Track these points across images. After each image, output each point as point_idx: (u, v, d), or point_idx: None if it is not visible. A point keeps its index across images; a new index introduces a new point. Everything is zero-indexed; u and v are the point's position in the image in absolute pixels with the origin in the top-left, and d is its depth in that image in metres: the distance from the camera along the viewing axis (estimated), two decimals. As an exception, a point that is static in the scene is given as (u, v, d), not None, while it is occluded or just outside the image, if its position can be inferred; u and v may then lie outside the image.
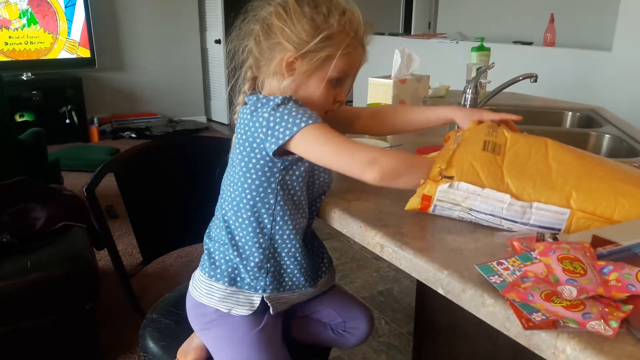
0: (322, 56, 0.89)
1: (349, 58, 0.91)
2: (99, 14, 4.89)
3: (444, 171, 0.84)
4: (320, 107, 0.93)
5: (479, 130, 0.93)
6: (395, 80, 1.82)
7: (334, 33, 0.88)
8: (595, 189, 0.80)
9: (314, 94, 0.92)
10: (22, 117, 4.43)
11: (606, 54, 2.99)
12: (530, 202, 0.79)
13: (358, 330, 1.14)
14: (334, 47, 0.89)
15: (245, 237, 0.95)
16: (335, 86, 0.94)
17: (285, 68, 0.90)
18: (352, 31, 0.90)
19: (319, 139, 0.86)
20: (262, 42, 0.92)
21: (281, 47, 0.90)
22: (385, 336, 2.04)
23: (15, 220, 1.76)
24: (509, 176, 0.82)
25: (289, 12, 0.90)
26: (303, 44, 0.88)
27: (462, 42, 3.76)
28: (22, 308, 1.61)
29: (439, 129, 1.63)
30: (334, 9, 0.89)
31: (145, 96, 5.33)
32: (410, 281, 2.41)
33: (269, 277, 0.96)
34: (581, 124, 1.92)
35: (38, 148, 2.63)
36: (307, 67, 0.90)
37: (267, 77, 0.94)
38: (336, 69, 0.90)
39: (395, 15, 6.58)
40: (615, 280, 0.63)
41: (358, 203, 0.98)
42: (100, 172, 1.20)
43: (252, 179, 0.91)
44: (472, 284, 0.68)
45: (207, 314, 0.99)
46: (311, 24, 0.88)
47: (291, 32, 0.89)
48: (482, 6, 4.99)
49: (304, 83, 0.91)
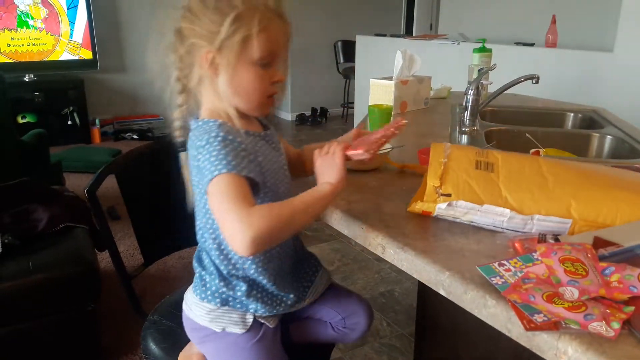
0: (238, 40, 0.84)
1: (268, 33, 0.85)
2: (101, 15, 4.90)
3: (440, 189, 0.83)
4: (260, 94, 0.89)
5: (468, 151, 0.91)
6: (397, 82, 1.83)
7: (240, 12, 0.83)
8: (594, 197, 0.81)
9: (248, 83, 0.87)
10: (24, 118, 4.44)
11: (608, 55, 2.99)
12: (531, 215, 0.79)
13: (358, 324, 1.14)
14: (246, 26, 0.83)
15: (225, 269, 0.95)
16: (267, 67, 0.88)
17: (209, 67, 0.86)
18: (260, 4, 0.85)
19: (218, 194, 0.80)
20: (179, 49, 0.89)
21: (196, 46, 0.86)
22: (387, 337, 2.04)
23: (17, 222, 1.77)
24: (507, 191, 0.82)
25: (192, 10, 0.86)
26: (214, 35, 0.84)
27: (464, 43, 3.76)
28: (24, 309, 1.61)
29: (440, 130, 1.63)
30: None
31: (147, 98, 5.33)
32: (412, 282, 2.41)
33: (258, 303, 0.96)
34: (583, 125, 1.92)
35: (40, 149, 2.63)
36: (228, 58, 0.85)
37: (197, 85, 0.91)
38: (259, 49, 0.85)
39: (397, 17, 6.58)
40: (617, 282, 0.63)
41: (359, 204, 0.98)
42: (102, 173, 1.20)
43: (210, 214, 0.91)
44: (474, 285, 0.68)
45: (202, 330, 0.99)
46: (216, 12, 0.84)
47: (200, 29, 0.85)
48: (483, 7, 4.99)
49: (234, 75, 0.86)
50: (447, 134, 1.58)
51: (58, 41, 4.69)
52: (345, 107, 6.07)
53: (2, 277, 1.57)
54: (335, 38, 6.01)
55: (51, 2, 4.60)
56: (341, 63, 6.02)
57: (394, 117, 1.76)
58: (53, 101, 4.60)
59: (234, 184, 0.80)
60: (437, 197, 0.83)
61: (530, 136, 1.53)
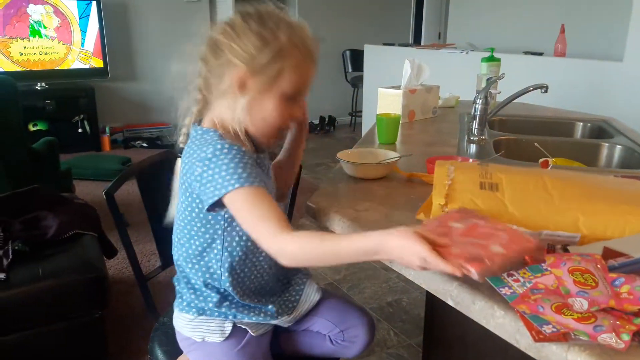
0: (275, 71, 0.86)
1: (301, 72, 0.89)
2: (112, 25, 4.96)
3: (445, 207, 0.83)
4: (276, 126, 0.92)
5: (472, 172, 0.91)
6: (405, 91, 1.83)
7: (284, 47, 0.86)
8: (601, 210, 0.81)
9: (270, 113, 0.90)
10: (36, 126, 4.49)
11: (617, 64, 2.97)
12: (539, 231, 0.79)
13: (357, 338, 1.11)
14: (286, 60, 0.86)
15: (200, 279, 0.96)
16: (290, 103, 0.91)
17: (238, 87, 0.88)
18: (302, 45, 0.88)
19: (240, 206, 0.83)
20: (211, 61, 0.90)
21: (231, 64, 0.87)
22: (394, 347, 2.02)
23: (27, 229, 1.78)
24: (513, 207, 0.82)
25: (235, 28, 0.87)
26: (253, 59, 0.86)
27: (472, 53, 3.76)
28: (33, 315, 1.62)
29: (449, 139, 1.63)
30: (282, 24, 0.88)
31: (157, 106, 5.37)
32: (420, 292, 2.39)
33: (232, 311, 0.97)
34: (592, 134, 1.91)
35: (51, 157, 2.66)
36: (260, 84, 0.87)
37: (217, 98, 0.92)
38: (290, 84, 0.88)
39: (405, 26, 6.60)
40: (627, 293, 0.63)
41: (367, 213, 0.98)
42: (122, 177, 1.23)
43: (197, 227, 0.92)
44: (482, 295, 0.68)
45: (187, 340, 1.02)
46: (259, 38, 0.86)
47: (239, 48, 0.86)
48: (492, 17, 4.99)
49: (258, 102, 0.89)
50: (455, 143, 1.57)
51: (70, 50, 4.75)
52: (354, 116, 6.08)
53: (11, 283, 1.58)
54: (343, 47, 6.04)
55: (63, 12, 4.66)
56: (349, 72, 6.04)
57: (402, 126, 1.76)
58: (64, 109, 4.64)
59: (259, 196, 0.83)
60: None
61: (539, 146, 1.52)
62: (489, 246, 0.67)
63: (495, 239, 0.68)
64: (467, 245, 0.68)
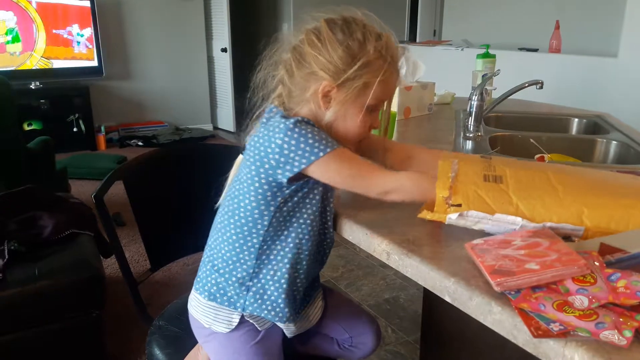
0: (360, 84, 0.86)
1: (386, 84, 0.88)
2: (106, 23, 4.94)
3: (449, 199, 0.82)
4: (357, 136, 0.91)
5: (475, 164, 0.91)
6: (401, 88, 1.83)
7: (371, 60, 0.85)
8: (605, 204, 0.81)
9: (352, 123, 0.89)
10: (30, 125, 4.47)
11: (612, 60, 2.98)
12: (542, 223, 0.79)
13: (365, 345, 1.13)
14: (372, 73, 0.86)
15: (230, 251, 0.94)
16: (372, 113, 0.91)
17: (322, 98, 0.87)
18: (388, 56, 0.87)
19: (337, 167, 0.85)
20: (295, 72, 0.89)
21: (316, 76, 0.87)
22: (392, 344, 2.03)
23: (23, 229, 1.77)
24: (518, 199, 0.82)
25: (322, 39, 0.86)
26: (340, 72, 0.85)
27: (468, 49, 3.77)
28: (30, 316, 1.61)
29: (444, 135, 1.63)
30: (369, 34, 0.87)
31: (152, 104, 5.36)
32: (417, 289, 2.40)
33: (248, 297, 0.95)
34: (587, 130, 1.92)
35: (46, 156, 2.65)
36: (344, 97, 0.86)
37: (297, 105, 0.91)
38: (374, 96, 0.87)
39: (401, 23, 6.59)
40: (623, 287, 0.63)
41: (364, 210, 0.98)
42: (109, 179, 1.21)
43: (251, 199, 0.89)
44: (479, 291, 0.68)
45: (200, 328, 1.00)
46: (347, 51, 0.85)
47: (326, 61, 0.85)
48: (487, 13, 4.99)
49: (342, 112, 0.88)
50: (451, 139, 1.58)
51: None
52: (349, 113, 6.07)
53: (8, 283, 1.57)
54: (339, 44, 6.02)
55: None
56: (345, 69, 6.02)
57: (397, 123, 1.76)
58: (59, 108, 4.63)
59: (346, 155, 0.86)
60: (447, 208, 0.83)
61: (535, 141, 1.53)
62: (525, 263, 0.68)
63: (539, 257, 0.69)
64: (503, 257, 0.71)
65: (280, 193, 0.88)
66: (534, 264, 0.67)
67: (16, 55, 4.52)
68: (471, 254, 0.76)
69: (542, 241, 0.74)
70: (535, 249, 0.72)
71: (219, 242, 0.96)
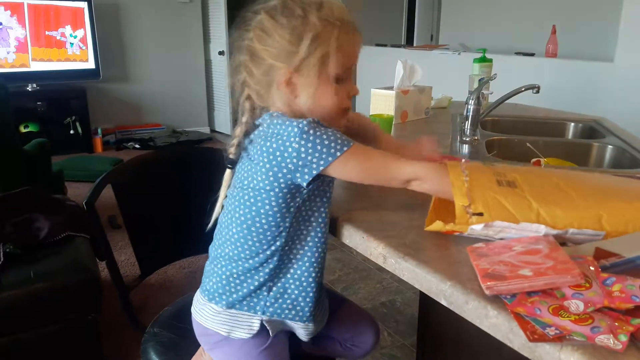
0: (317, 59, 0.84)
1: (345, 49, 0.86)
2: (103, 25, 4.93)
3: (470, 208, 0.80)
4: (337, 109, 0.89)
5: (485, 171, 0.89)
6: (398, 91, 1.83)
7: (318, 31, 0.83)
8: (618, 207, 0.80)
9: (327, 99, 0.87)
10: (27, 127, 4.45)
11: (608, 65, 3.00)
12: (565, 229, 0.78)
13: (365, 343, 1.14)
14: (325, 44, 0.83)
15: (253, 258, 0.92)
16: (342, 82, 0.88)
17: (287, 87, 0.86)
18: (336, 21, 0.84)
19: (357, 163, 0.85)
20: (254, 71, 0.88)
21: (274, 68, 0.86)
22: (388, 348, 2.03)
23: (18, 231, 1.77)
24: (537, 203, 0.79)
25: (267, 30, 0.85)
26: (292, 56, 0.84)
27: (464, 54, 3.78)
28: (25, 318, 1.60)
29: (441, 139, 1.63)
30: (308, 7, 0.84)
31: (149, 107, 5.36)
32: (414, 292, 2.40)
33: (269, 298, 0.93)
34: (584, 134, 1.93)
35: (42, 158, 2.64)
36: (306, 78, 0.85)
37: (269, 100, 0.90)
38: (337, 65, 0.85)
39: (398, 27, 6.61)
40: (618, 292, 0.63)
41: (361, 213, 0.98)
42: (99, 185, 1.19)
43: (272, 204, 0.87)
44: (475, 295, 0.68)
45: (211, 335, 0.99)
46: (292, 33, 0.83)
47: (276, 50, 0.84)
48: (484, 17, 5.01)
49: (312, 93, 0.86)
50: (448, 143, 1.58)
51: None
52: (347, 116, 6.08)
53: (3, 286, 1.56)
54: (336, 48, 6.03)
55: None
56: (342, 73, 6.03)
57: (394, 126, 1.76)
58: (55, 110, 4.62)
59: (363, 150, 0.86)
60: (470, 217, 0.80)
61: (531, 146, 1.53)
62: (519, 268, 0.69)
63: (534, 264, 0.69)
64: (499, 262, 0.71)
65: (299, 195, 0.88)
66: (528, 270, 0.67)
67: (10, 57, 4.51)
68: (470, 257, 0.76)
69: (542, 248, 0.73)
70: (534, 256, 0.72)
71: (238, 251, 0.93)
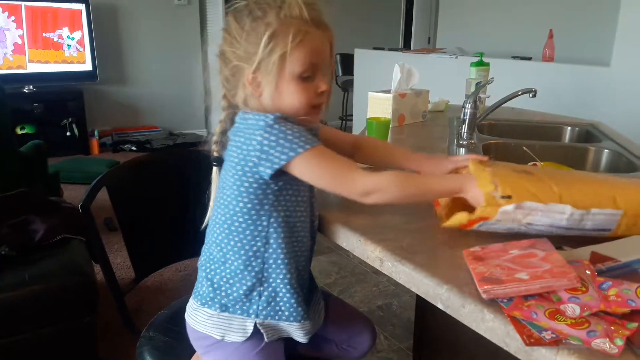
0: (276, 58, 0.84)
1: (306, 46, 0.85)
2: (100, 27, 4.93)
3: (496, 191, 0.80)
4: (305, 107, 0.89)
5: (502, 164, 0.92)
6: (395, 95, 1.84)
7: (275, 30, 0.83)
8: (629, 189, 0.83)
9: (291, 97, 0.88)
10: (23, 129, 4.44)
11: (604, 69, 3.01)
12: (588, 210, 0.79)
13: (361, 344, 1.15)
14: (283, 43, 0.83)
15: (237, 260, 0.93)
16: (310, 79, 0.88)
17: (251, 87, 0.88)
18: (294, 18, 0.84)
19: (316, 164, 0.85)
20: (225, 72, 0.91)
21: (239, 69, 0.88)
22: (385, 352, 2.02)
23: (14, 233, 1.76)
24: (557, 187, 0.81)
25: (231, 32, 0.87)
26: (252, 56, 0.85)
27: (462, 57, 3.79)
28: (21, 320, 1.59)
29: (438, 143, 1.64)
30: (268, 7, 0.85)
31: (146, 109, 5.35)
32: (410, 296, 2.40)
33: (261, 302, 0.94)
34: (580, 139, 1.93)
35: (39, 160, 2.63)
36: (268, 77, 0.86)
37: (243, 104, 0.92)
38: (298, 63, 0.85)
39: (395, 31, 6.62)
40: (614, 296, 0.63)
41: (358, 216, 0.98)
42: (95, 186, 1.18)
43: (245, 202, 0.89)
44: (472, 299, 0.68)
45: (205, 339, 0.99)
46: (252, 33, 0.85)
47: (240, 51, 0.87)
48: (481, 21, 5.03)
49: (276, 91, 0.87)
50: (445, 147, 1.58)
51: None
52: (344, 119, 6.08)
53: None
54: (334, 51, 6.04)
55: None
56: (340, 76, 6.05)
57: (391, 130, 1.77)
58: (52, 112, 4.61)
59: (327, 151, 0.86)
60: (498, 200, 0.80)
61: (528, 149, 1.54)
62: (515, 272, 0.69)
63: (531, 267, 0.70)
64: (495, 266, 0.71)
65: (270, 190, 0.88)
66: (525, 273, 0.68)
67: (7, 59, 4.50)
68: (467, 260, 0.76)
69: (538, 252, 0.74)
70: (529, 260, 0.72)
71: (221, 254, 0.95)
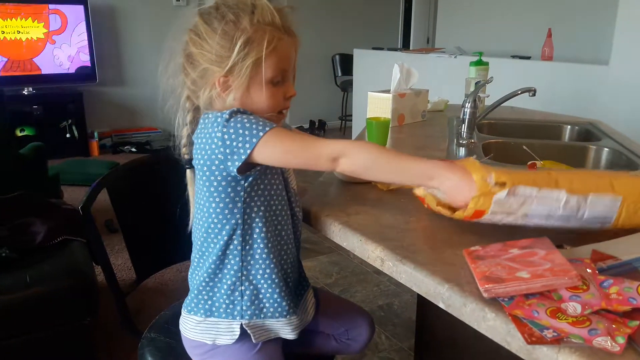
0: (249, 63, 0.85)
1: (278, 52, 0.87)
2: (100, 28, 4.93)
3: (491, 177, 0.78)
4: (272, 110, 0.90)
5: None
6: (395, 95, 1.84)
7: (250, 35, 0.84)
8: (627, 178, 0.83)
9: (260, 101, 0.89)
10: (23, 131, 4.44)
11: (603, 68, 3.01)
12: (585, 196, 0.78)
13: (360, 336, 1.15)
14: (257, 49, 0.85)
15: (216, 261, 0.93)
16: (279, 84, 0.90)
17: (221, 89, 0.88)
18: (267, 25, 0.86)
19: (281, 143, 0.84)
20: (191, 73, 0.90)
21: (208, 71, 0.88)
22: (386, 351, 2.02)
23: (15, 235, 1.76)
24: (555, 172, 0.82)
25: (201, 34, 0.87)
26: (225, 60, 0.86)
27: (461, 57, 3.79)
28: (21, 322, 1.59)
29: (438, 142, 1.64)
30: (240, 11, 0.85)
31: (146, 110, 5.35)
32: (411, 295, 2.40)
33: (244, 301, 0.94)
34: (580, 137, 1.93)
35: (38, 162, 2.63)
36: (239, 80, 0.86)
37: (209, 104, 0.92)
38: (270, 69, 0.87)
39: (394, 31, 6.63)
40: (616, 294, 0.63)
41: (358, 216, 0.98)
42: (95, 188, 1.18)
43: (217, 201, 0.89)
44: (473, 298, 0.68)
45: (199, 346, 0.99)
46: (224, 37, 0.85)
47: (210, 54, 0.86)
48: (480, 21, 5.03)
49: (245, 95, 0.88)
50: (444, 146, 1.58)
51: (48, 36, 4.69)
52: (344, 119, 6.09)
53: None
54: (333, 51, 6.05)
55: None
56: (339, 76, 6.05)
57: (391, 129, 1.77)
58: (52, 114, 4.60)
59: (287, 131, 0.87)
60: (492, 188, 0.78)
61: (528, 148, 1.54)
62: (516, 271, 0.69)
63: (532, 266, 0.69)
64: (496, 265, 0.71)
65: (240, 186, 0.88)
66: (525, 272, 0.68)
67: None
68: (467, 260, 0.76)
69: (538, 251, 0.74)
70: (530, 258, 0.72)
71: (199, 255, 0.96)
